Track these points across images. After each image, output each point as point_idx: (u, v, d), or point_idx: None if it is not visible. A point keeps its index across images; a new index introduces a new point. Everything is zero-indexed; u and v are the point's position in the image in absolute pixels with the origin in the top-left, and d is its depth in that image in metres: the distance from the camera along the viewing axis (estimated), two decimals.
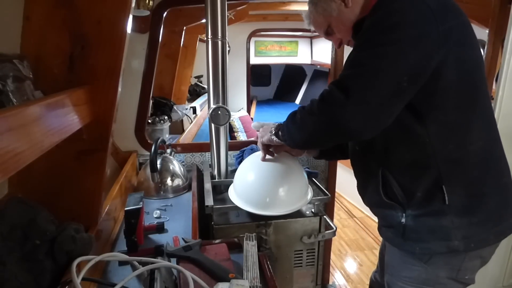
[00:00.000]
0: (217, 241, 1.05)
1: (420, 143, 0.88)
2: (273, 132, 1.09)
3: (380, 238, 1.13)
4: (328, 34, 1.06)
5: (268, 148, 1.20)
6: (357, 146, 1.04)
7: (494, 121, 0.96)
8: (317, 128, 0.86)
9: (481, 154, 0.90)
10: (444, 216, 0.89)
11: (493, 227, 0.92)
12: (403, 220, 0.94)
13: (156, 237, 1.19)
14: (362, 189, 1.07)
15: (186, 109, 2.92)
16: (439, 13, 0.80)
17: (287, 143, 1.01)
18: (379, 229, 1.08)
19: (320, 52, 5.34)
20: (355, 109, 0.78)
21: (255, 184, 1.24)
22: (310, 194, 1.30)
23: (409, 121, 0.86)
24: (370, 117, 0.79)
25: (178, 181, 1.59)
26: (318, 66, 6.26)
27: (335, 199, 2.85)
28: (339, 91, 0.79)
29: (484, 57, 1.66)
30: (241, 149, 1.75)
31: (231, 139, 2.92)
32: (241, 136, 3.89)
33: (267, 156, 1.22)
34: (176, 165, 1.64)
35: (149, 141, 1.86)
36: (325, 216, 1.37)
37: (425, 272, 0.95)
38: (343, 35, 1.02)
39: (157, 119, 2.33)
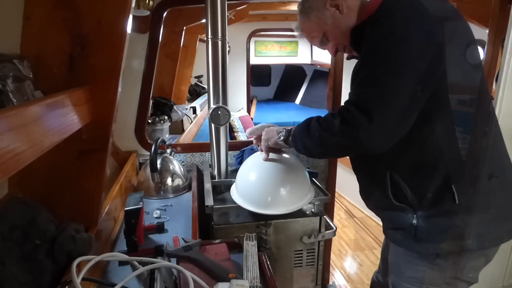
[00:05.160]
0: (217, 241, 1.05)
1: (428, 144, 0.88)
2: (282, 138, 1.09)
3: (381, 238, 1.14)
4: (323, 44, 1.05)
5: (272, 150, 1.20)
6: None
7: (496, 117, 0.97)
8: (338, 147, 0.88)
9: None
10: (455, 215, 0.89)
11: (505, 223, 0.93)
12: (414, 221, 0.93)
13: (156, 237, 1.19)
14: (367, 193, 1.06)
15: (186, 109, 2.92)
16: (441, 15, 0.81)
17: (300, 152, 1.01)
18: (385, 231, 1.07)
19: (320, 52, 5.33)
20: (379, 130, 0.80)
21: (257, 184, 1.24)
22: (311, 193, 1.30)
23: (416, 122, 0.86)
24: (391, 134, 0.82)
25: (178, 181, 1.59)
26: (318, 66, 6.25)
27: (335, 199, 2.85)
28: (361, 114, 0.80)
29: (484, 57, 1.66)
30: (241, 149, 1.75)
31: (231, 139, 2.92)
32: (241, 136, 3.88)
33: (270, 156, 1.22)
34: (176, 165, 1.64)
35: (149, 141, 1.85)
36: (325, 216, 1.37)
37: (431, 272, 0.95)
38: (339, 42, 1.01)
39: (157, 119, 2.33)
